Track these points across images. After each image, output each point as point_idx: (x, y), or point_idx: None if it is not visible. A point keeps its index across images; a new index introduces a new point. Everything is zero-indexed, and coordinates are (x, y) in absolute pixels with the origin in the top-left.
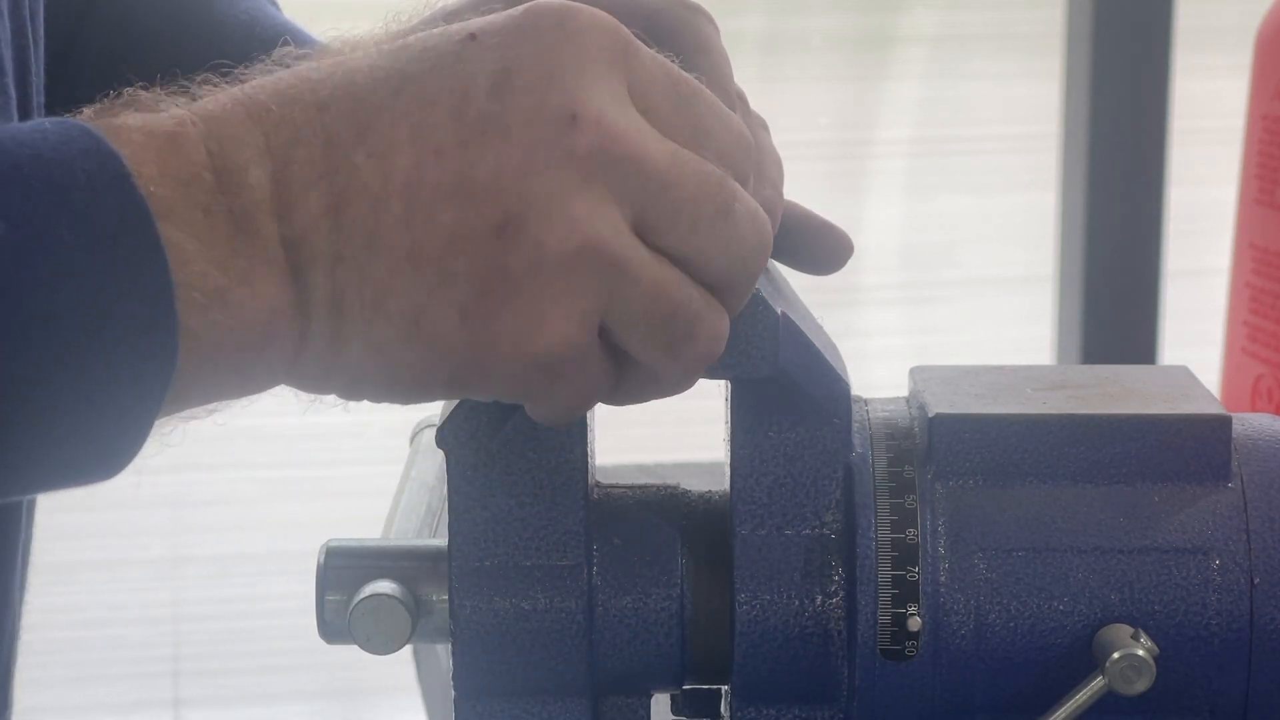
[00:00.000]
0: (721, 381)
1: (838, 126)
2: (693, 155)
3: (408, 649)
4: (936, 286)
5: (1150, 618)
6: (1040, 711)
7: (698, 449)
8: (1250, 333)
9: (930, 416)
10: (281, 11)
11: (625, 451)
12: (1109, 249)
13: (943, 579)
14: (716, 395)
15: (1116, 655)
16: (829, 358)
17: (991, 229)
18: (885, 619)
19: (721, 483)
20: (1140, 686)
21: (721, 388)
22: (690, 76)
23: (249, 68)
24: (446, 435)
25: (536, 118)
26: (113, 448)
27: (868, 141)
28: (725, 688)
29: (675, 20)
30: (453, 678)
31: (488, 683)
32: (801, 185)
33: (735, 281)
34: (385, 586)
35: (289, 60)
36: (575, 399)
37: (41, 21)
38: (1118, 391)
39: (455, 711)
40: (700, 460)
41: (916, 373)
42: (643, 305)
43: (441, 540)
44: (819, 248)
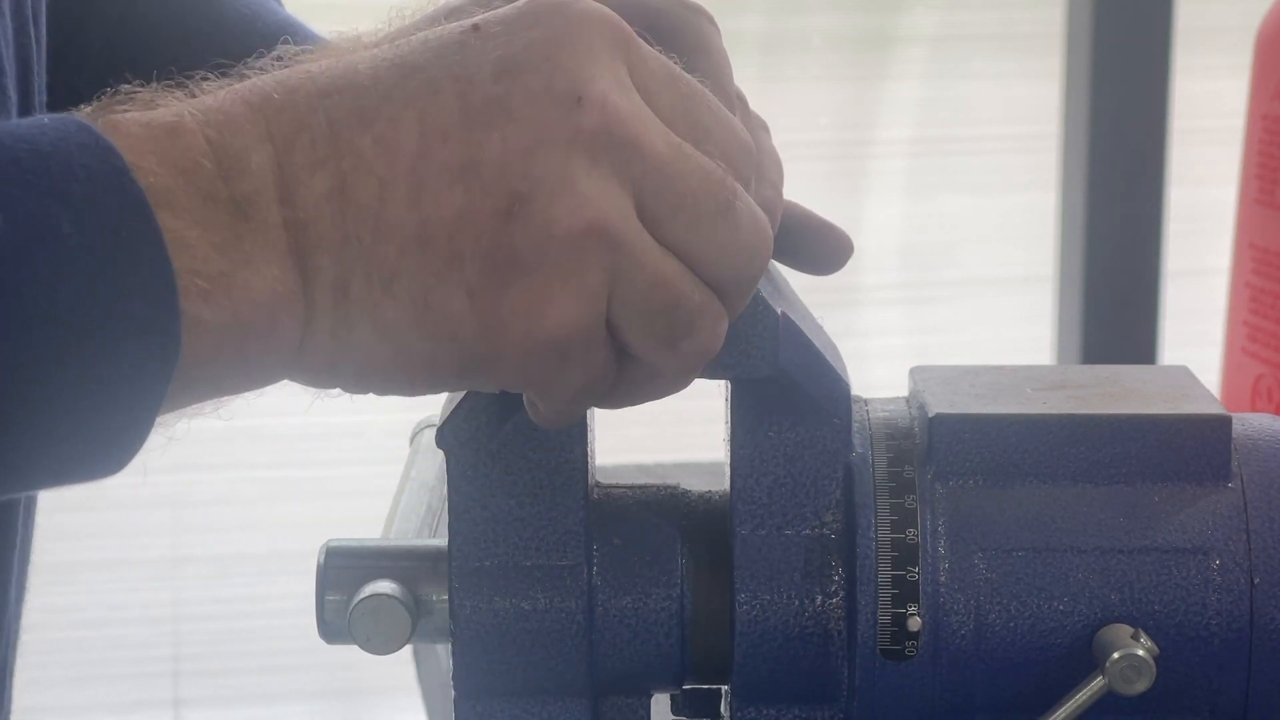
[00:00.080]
0: (721, 381)
1: (838, 126)
2: (695, 150)
3: (408, 649)
4: (936, 286)
5: (1150, 618)
6: (1040, 711)
7: (698, 449)
8: (1250, 333)
9: (930, 416)
10: (283, 7)
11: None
12: (1109, 249)
13: (943, 579)
14: (716, 395)
15: (1116, 655)
16: (829, 358)
17: (991, 229)
18: (885, 619)
19: (721, 483)
20: (1140, 686)
21: (721, 388)
22: (691, 77)
23: (248, 65)
24: (446, 435)
25: (542, 100)
26: (116, 441)
27: (868, 141)
28: (725, 688)
29: (676, 21)
30: (453, 678)
31: (488, 683)
32: (801, 185)
33: (735, 281)
34: (385, 586)
35: (289, 57)
36: (580, 388)
37: (44, 21)
38: (1118, 391)
39: (455, 711)
40: (700, 460)
41: (916, 373)
42: (645, 293)
43: (441, 540)
44: (819, 248)
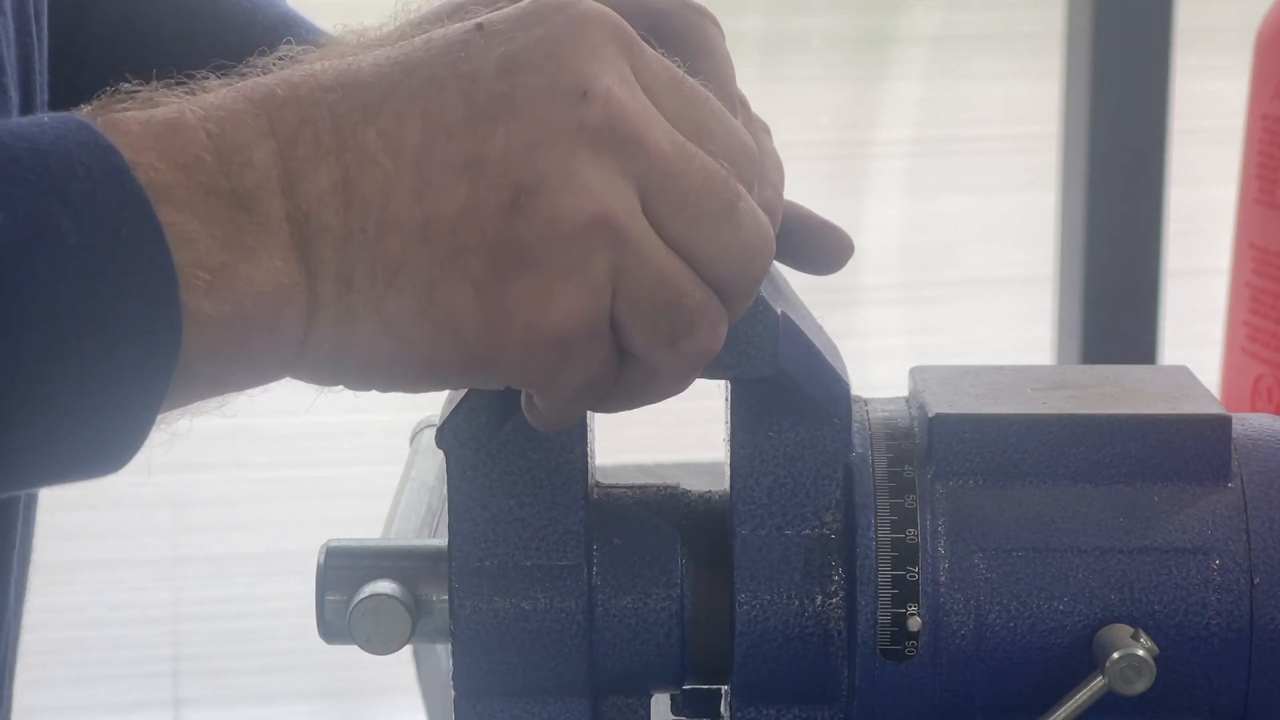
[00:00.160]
0: (721, 381)
1: (838, 126)
2: (698, 149)
3: (408, 649)
4: (936, 286)
5: (1150, 618)
6: (1040, 711)
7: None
8: (1250, 333)
9: (930, 416)
10: (284, 1)
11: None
12: (1109, 249)
13: (943, 579)
14: (716, 395)
15: (1116, 655)
16: (829, 358)
17: (991, 229)
18: (885, 619)
19: (721, 483)
20: (1140, 686)
21: (721, 388)
22: (693, 80)
23: (250, 64)
24: (446, 435)
25: (547, 95)
26: (118, 438)
27: (868, 141)
28: (725, 688)
29: (680, 23)
30: (453, 678)
31: (488, 683)
32: (801, 185)
33: (736, 282)
34: (385, 586)
35: (292, 56)
36: (580, 387)
37: (46, 20)
38: (1118, 391)
39: (455, 711)
40: (700, 460)
41: (916, 373)
42: (648, 289)
43: (441, 540)
44: (819, 248)
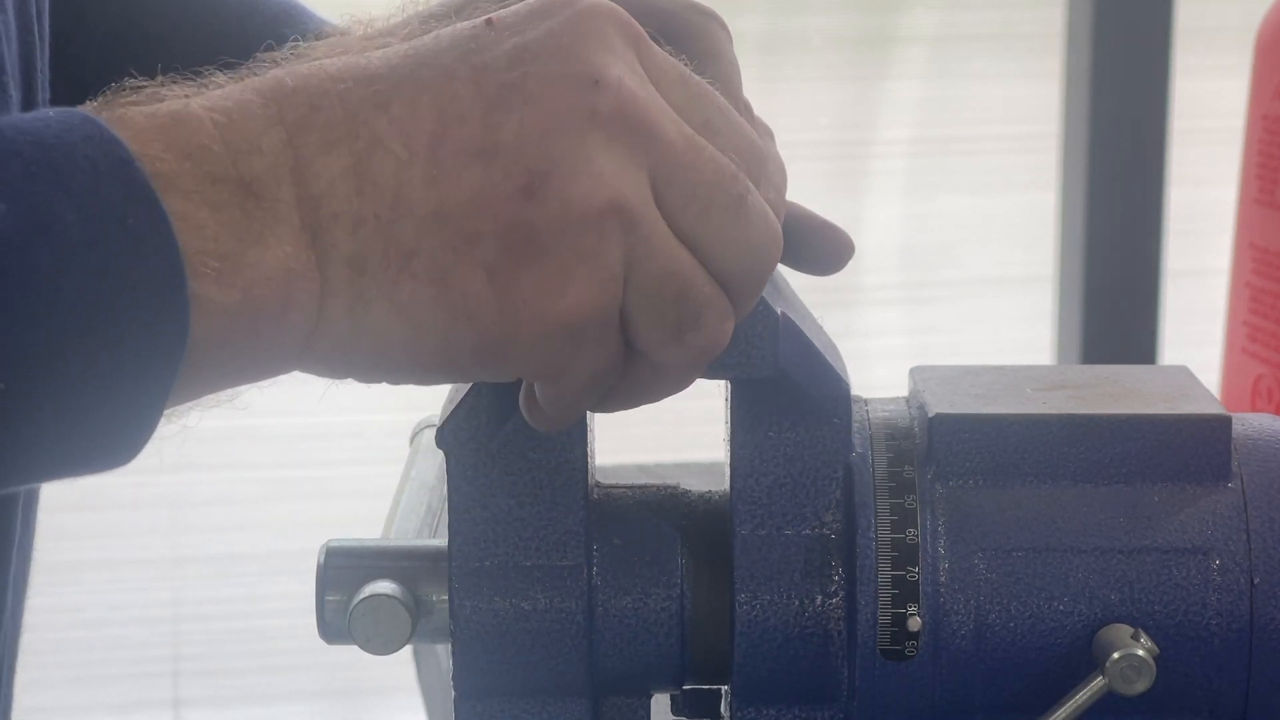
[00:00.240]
0: (721, 381)
1: (838, 126)
2: (707, 143)
3: (408, 649)
4: (936, 286)
5: (1150, 618)
6: (1040, 711)
7: (698, 449)
8: (1250, 333)
9: (930, 416)
10: None
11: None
12: (1109, 249)
13: (943, 579)
14: (716, 395)
15: (1116, 655)
16: (829, 358)
17: (991, 229)
18: (885, 619)
19: (721, 483)
20: (1140, 686)
21: (721, 388)
22: (699, 78)
23: (257, 59)
24: (446, 435)
25: (559, 83)
26: (125, 430)
27: (868, 141)
28: (725, 688)
29: (688, 25)
30: (453, 678)
31: (488, 683)
32: (801, 185)
33: (743, 278)
34: (385, 586)
35: (299, 52)
36: (588, 378)
37: (47, 17)
38: (1118, 391)
39: (455, 711)
40: (700, 460)
41: (916, 373)
42: (658, 280)
43: (441, 540)
44: (819, 248)
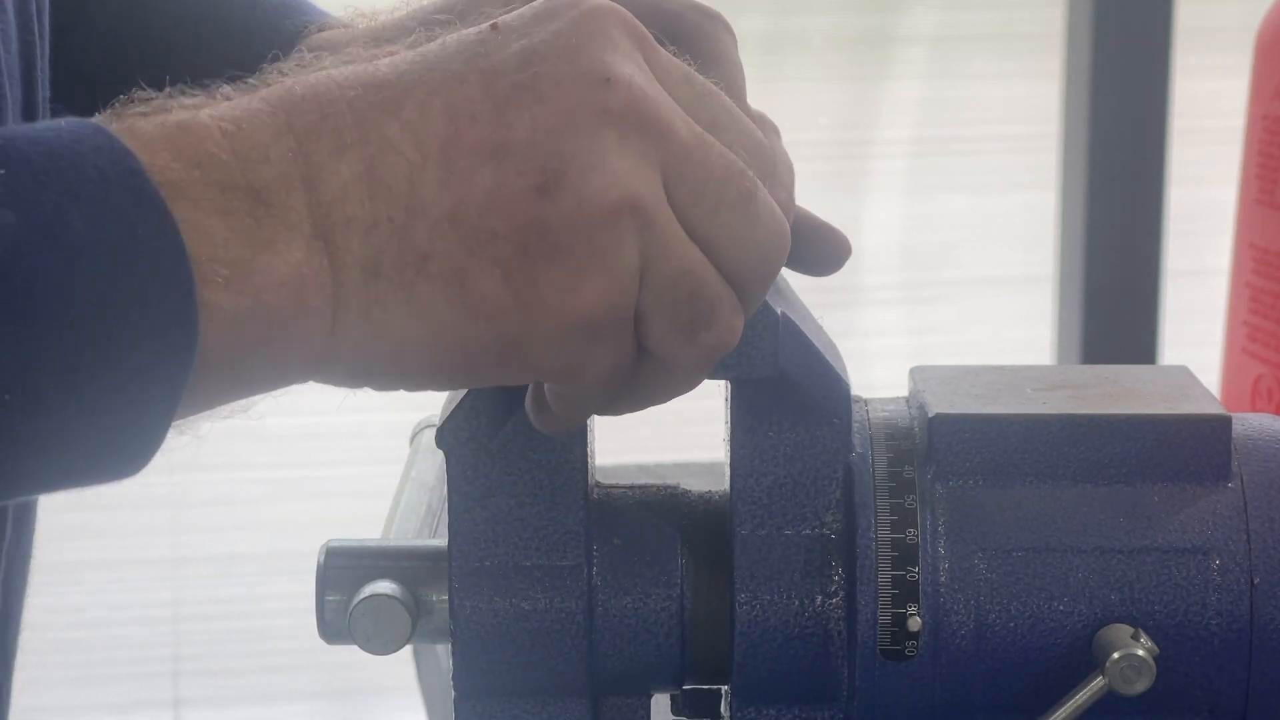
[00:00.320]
0: (721, 381)
1: (838, 126)
2: (716, 141)
3: (408, 649)
4: (936, 286)
5: (1150, 618)
6: (1040, 711)
7: (698, 449)
8: (1250, 333)
9: (930, 416)
10: None
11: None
12: (1109, 249)
13: (943, 579)
14: (716, 395)
15: (1116, 655)
16: (829, 358)
17: (991, 229)
18: (885, 619)
19: (721, 483)
20: (1140, 686)
21: (721, 388)
22: (703, 78)
23: (264, 71)
24: (446, 435)
25: (570, 81)
26: (134, 440)
27: (868, 141)
28: (725, 688)
29: (693, 27)
30: (453, 678)
31: (488, 683)
32: (801, 185)
33: (752, 274)
34: (385, 586)
35: (305, 63)
36: (605, 374)
37: (47, 16)
38: (1118, 391)
39: (455, 711)
40: (700, 460)
41: (916, 373)
42: (671, 280)
43: (441, 540)
44: (817, 249)
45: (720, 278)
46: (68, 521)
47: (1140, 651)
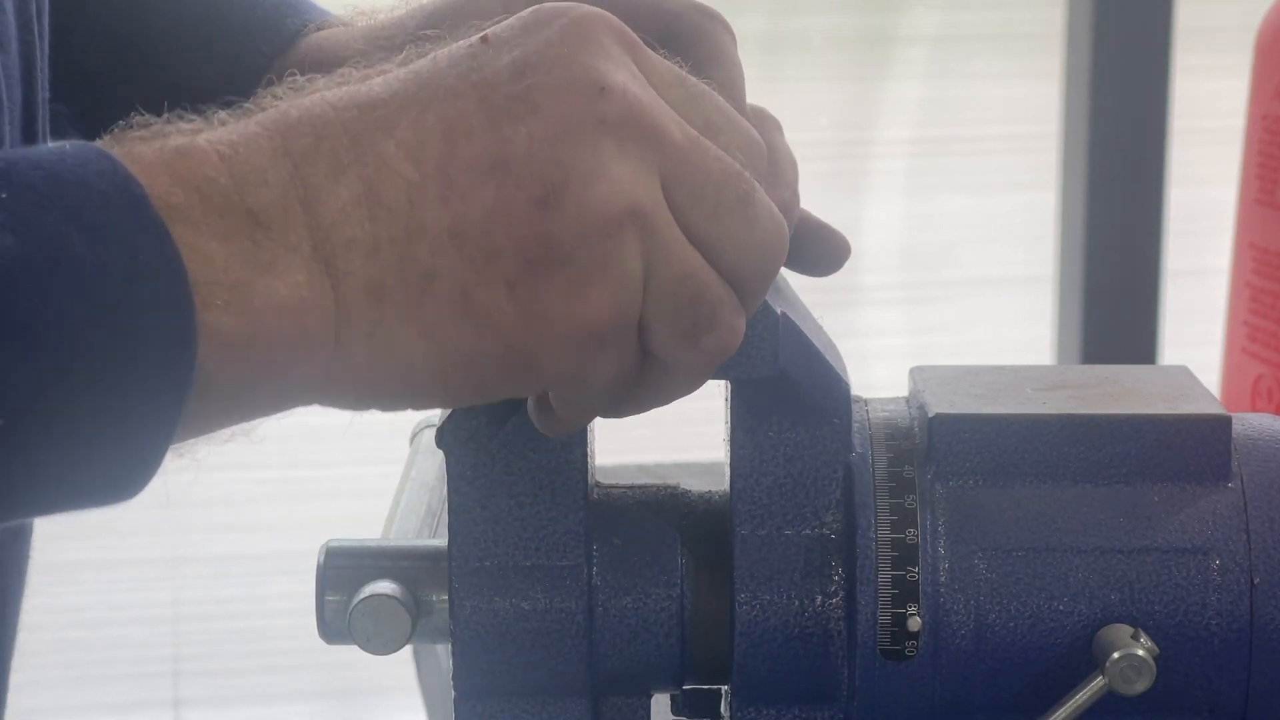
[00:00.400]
0: (721, 381)
1: (838, 126)
2: (710, 143)
3: (408, 649)
4: (936, 286)
5: (1150, 618)
6: (1040, 711)
7: (698, 449)
8: (1250, 333)
9: (930, 416)
10: None
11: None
12: (1109, 249)
13: (943, 579)
14: (716, 395)
15: (1116, 655)
16: (829, 358)
17: (991, 229)
18: (885, 619)
19: (721, 483)
20: (1140, 686)
21: (721, 388)
22: (695, 79)
23: (259, 97)
24: (446, 435)
25: (564, 91)
26: (132, 463)
27: (868, 141)
28: (725, 688)
29: (692, 27)
30: (453, 678)
31: (488, 683)
32: (802, 185)
33: (753, 275)
34: (385, 586)
35: (297, 87)
36: (610, 380)
37: (47, 16)
38: (1118, 391)
39: (455, 711)
40: (700, 460)
41: (916, 373)
42: (673, 284)
43: (441, 540)
44: (816, 250)
45: (720, 280)
46: (68, 521)
47: (1140, 651)
